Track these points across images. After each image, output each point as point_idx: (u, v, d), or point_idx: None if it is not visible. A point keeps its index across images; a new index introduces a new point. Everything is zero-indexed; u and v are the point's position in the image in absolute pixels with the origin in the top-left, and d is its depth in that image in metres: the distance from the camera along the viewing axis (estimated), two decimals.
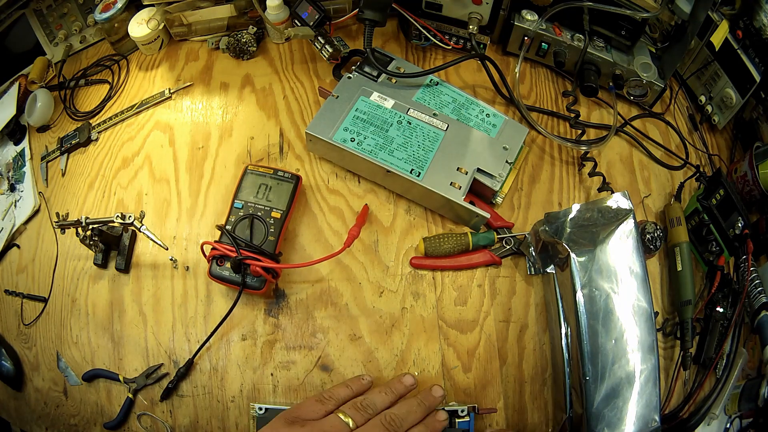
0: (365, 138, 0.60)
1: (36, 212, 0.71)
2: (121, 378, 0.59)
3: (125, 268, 0.64)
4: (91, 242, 0.62)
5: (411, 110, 0.63)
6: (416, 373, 0.57)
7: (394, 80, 0.68)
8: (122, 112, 0.75)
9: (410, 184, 0.59)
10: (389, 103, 0.63)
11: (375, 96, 0.64)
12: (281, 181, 0.62)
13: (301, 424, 0.42)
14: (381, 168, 0.59)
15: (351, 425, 0.43)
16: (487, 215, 0.59)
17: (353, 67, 0.70)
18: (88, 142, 0.74)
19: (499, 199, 0.65)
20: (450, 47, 0.74)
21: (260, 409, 0.55)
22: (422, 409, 0.48)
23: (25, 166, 0.75)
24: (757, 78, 0.64)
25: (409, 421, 0.46)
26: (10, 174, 0.76)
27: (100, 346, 0.62)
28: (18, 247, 0.70)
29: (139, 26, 0.76)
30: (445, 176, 0.59)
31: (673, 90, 0.75)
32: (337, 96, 0.64)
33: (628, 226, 0.53)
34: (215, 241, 0.57)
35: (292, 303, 0.61)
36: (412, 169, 0.58)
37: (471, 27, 0.69)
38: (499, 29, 0.74)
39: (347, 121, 0.61)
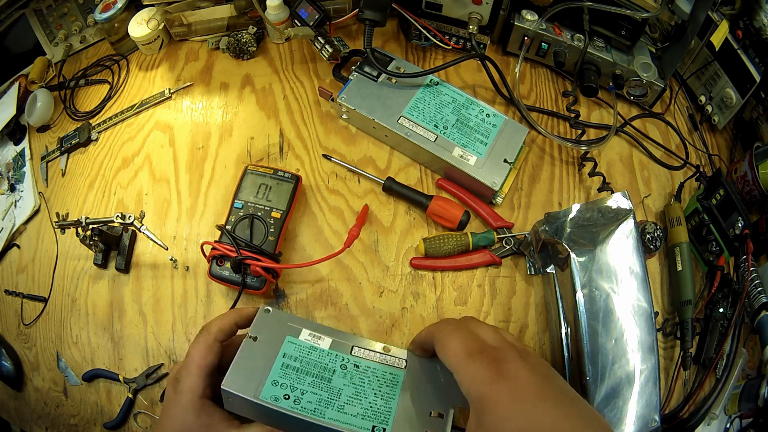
0: (303, 393, 0.43)
1: (36, 212, 0.71)
2: (121, 378, 0.59)
3: (125, 268, 0.64)
4: (91, 242, 0.62)
5: (355, 349, 0.47)
6: None
7: (394, 80, 0.68)
8: (122, 112, 0.75)
9: None
10: (326, 343, 0.47)
11: (306, 335, 0.47)
12: (281, 181, 0.62)
13: None
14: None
15: None
16: None
17: (353, 67, 0.70)
18: (88, 142, 0.74)
19: (499, 199, 0.65)
20: (450, 47, 0.74)
21: None
22: None
23: (25, 166, 0.75)
24: (757, 78, 0.63)
25: None
26: (10, 174, 0.76)
27: (100, 346, 0.62)
28: (18, 247, 0.70)
29: (139, 26, 0.76)
30: (418, 425, 0.43)
31: (673, 90, 0.74)
32: (255, 337, 0.45)
33: (628, 226, 0.53)
34: (215, 241, 0.57)
35: (292, 303, 0.61)
36: (374, 426, 0.42)
37: (471, 27, 0.69)
38: (499, 29, 0.74)
39: (275, 372, 0.43)
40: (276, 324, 0.47)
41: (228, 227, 0.59)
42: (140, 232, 0.59)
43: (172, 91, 0.76)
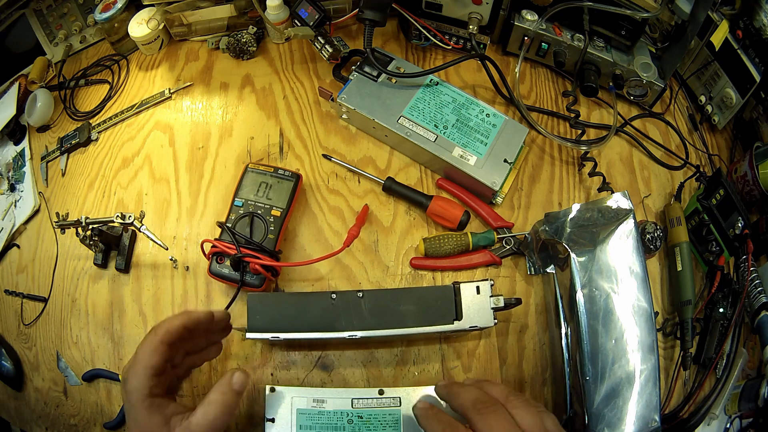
0: None
1: (36, 212, 0.71)
2: (120, 378, 0.59)
3: (125, 268, 0.64)
4: (91, 242, 0.62)
5: (355, 401, 0.53)
6: (416, 373, 0.58)
7: (394, 80, 0.68)
8: (122, 112, 0.75)
9: None
10: (329, 404, 0.53)
11: (311, 403, 0.53)
12: (281, 180, 0.62)
13: None
14: None
15: None
16: None
17: (353, 67, 0.70)
18: (88, 142, 0.74)
19: (499, 199, 0.65)
20: (450, 47, 0.74)
21: None
22: None
23: (25, 166, 0.75)
24: (757, 78, 0.63)
25: None
26: (10, 174, 0.76)
27: (100, 346, 0.62)
28: (18, 247, 0.70)
29: (139, 26, 0.76)
30: None
31: (673, 90, 0.75)
32: (273, 419, 0.53)
33: (628, 226, 0.53)
34: (215, 239, 0.57)
35: None
36: None
37: (471, 27, 0.69)
38: (499, 29, 0.74)
39: None
40: (283, 401, 0.54)
41: (228, 225, 0.59)
42: (140, 232, 0.59)
43: (172, 91, 0.76)
